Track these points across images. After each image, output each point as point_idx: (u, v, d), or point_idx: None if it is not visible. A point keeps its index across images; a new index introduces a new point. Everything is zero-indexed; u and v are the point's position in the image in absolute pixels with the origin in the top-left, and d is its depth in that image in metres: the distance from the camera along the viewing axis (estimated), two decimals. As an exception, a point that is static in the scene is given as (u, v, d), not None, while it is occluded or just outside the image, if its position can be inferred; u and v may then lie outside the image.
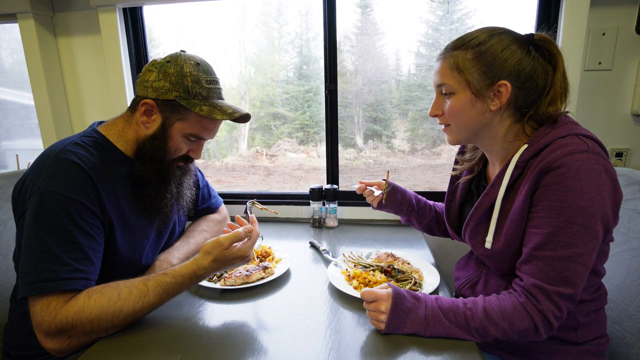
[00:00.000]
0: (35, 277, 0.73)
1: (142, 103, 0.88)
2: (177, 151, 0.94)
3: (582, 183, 0.68)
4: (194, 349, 0.74)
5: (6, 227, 1.15)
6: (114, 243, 0.88)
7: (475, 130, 0.82)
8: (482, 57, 0.76)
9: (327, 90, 1.52)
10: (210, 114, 0.88)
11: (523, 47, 0.76)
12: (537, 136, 0.76)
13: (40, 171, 0.80)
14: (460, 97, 0.79)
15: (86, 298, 0.75)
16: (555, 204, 0.70)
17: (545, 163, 0.71)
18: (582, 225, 0.68)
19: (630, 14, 1.30)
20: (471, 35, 0.79)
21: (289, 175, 2.16)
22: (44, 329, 0.73)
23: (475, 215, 0.86)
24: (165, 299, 0.83)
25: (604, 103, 1.37)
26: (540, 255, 0.72)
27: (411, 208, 1.16)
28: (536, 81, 0.76)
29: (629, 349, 0.92)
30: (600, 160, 0.69)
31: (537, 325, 0.70)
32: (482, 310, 0.73)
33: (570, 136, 0.72)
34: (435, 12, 1.61)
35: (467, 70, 0.77)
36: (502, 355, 0.87)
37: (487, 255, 0.84)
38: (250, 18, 1.78)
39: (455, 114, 0.81)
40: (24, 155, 1.87)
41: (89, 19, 1.58)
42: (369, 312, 0.78)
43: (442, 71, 0.81)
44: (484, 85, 0.77)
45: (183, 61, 0.89)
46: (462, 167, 0.99)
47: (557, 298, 0.70)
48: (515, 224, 0.77)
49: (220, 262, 0.85)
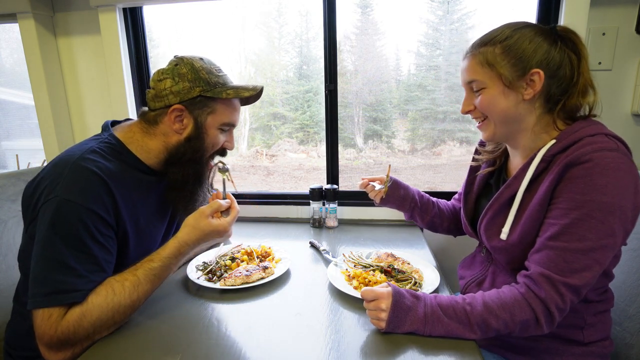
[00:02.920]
0: (50, 288, 0.72)
1: (170, 110, 0.89)
2: (215, 146, 0.96)
3: (607, 179, 0.68)
4: (194, 349, 0.74)
5: (6, 227, 1.15)
6: (126, 251, 0.88)
7: (511, 122, 0.82)
8: (511, 50, 0.77)
9: (327, 90, 1.52)
10: (237, 94, 0.91)
11: (549, 38, 0.77)
12: (567, 132, 0.77)
13: (57, 178, 0.78)
14: (492, 91, 0.80)
15: (84, 303, 0.74)
16: (577, 196, 0.70)
17: (573, 157, 0.71)
18: (599, 220, 0.68)
19: (630, 14, 1.30)
20: (497, 32, 0.80)
21: (289, 175, 2.16)
22: (46, 342, 0.72)
23: (494, 206, 0.86)
24: (158, 284, 0.84)
25: (604, 103, 1.37)
26: (554, 245, 0.72)
27: (414, 204, 1.16)
28: (565, 70, 0.77)
29: (629, 349, 0.92)
30: (627, 161, 0.70)
31: (538, 316, 0.70)
32: (481, 304, 0.73)
33: (600, 135, 0.73)
34: (435, 12, 1.61)
35: (497, 64, 0.78)
36: (507, 354, 0.86)
37: (500, 247, 0.84)
38: (250, 18, 1.78)
39: (488, 106, 0.81)
40: (24, 155, 1.87)
41: (89, 19, 1.58)
42: (369, 311, 0.78)
43: (471, 68, 0.82)
44: (516, 76, 0.77)
45: (190, 59, 0.90)
46: (483, 157, 0.99)
47: (563, 289, 0.70)
48: (533, 215, 0.77)
49: (199, 230, 0.87)
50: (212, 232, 0.88)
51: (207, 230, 0.88)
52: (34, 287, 0.73)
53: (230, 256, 1.11)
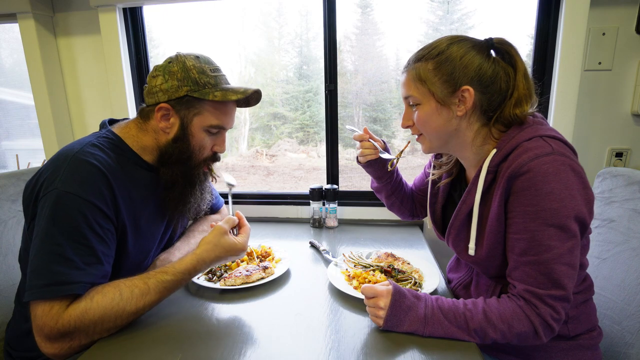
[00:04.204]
0: (48, 279, 0.72)
1: (157, 108, 0.88)
2: (202, 149, 0.93)
3: (551, 185, 0.68)
4: (194, 349, 0.74)
5: (6, 227, 1.15)
6: (125, 247, 0.88)
7: (446, 138, 0.83)
8: (442, 66, 0.77)
9: (327, 90, 1.52)
10: (224, 97, 0.88)
11: (482, 52, 0.77)
12: (504, 140, 0.77)
13: (57, 171, 0.78)
14: (425, 107, 0.81)
15: (88, 300, 0.74)
16: (528, 208, 0.71)
17: (513, 168, 0.72)
18: (557, 226, 0.69)
19: (630, 14, 1.30)
20: (431, 46, 0.80)
21: (289, 175, 2.16)
22: (45, 334, 0.72)
23: (456, 223, 0.87)
24: (166, 296, 0.83)
25: (604, 103, 1.37)
26: (525, 261, 0.72)
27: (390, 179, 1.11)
28: (499, 84, 0.77)
29: (629, 348, 0.92)
30: (566, 160, 0.70)
31: (537, 328, 0.71)
32: (481, 312, 0.73)
33: (535, 139, 0.73)
34: (435, 12, 1.61)
35: (429, 81, 0.78)
36: (499, 355, 0.87)
37: (472, 261, 0.85)
38: (250, 18, 1.78)
39: (423, 123, 0.83)
40: (24, 155, 1.87)
41: (89, 19, 1.58)
42: (368, 308, 0.79)
43: (406, 84, 0.83)
44: (447, 93, 0.78)
45: (184, 58, 0.89)
46: (440, 171, 0.99)
47: (550, 301, 0.70)
48: (494, 229, 0.77)
49: (220, 247, 0.87)
50: (232, 249, 0.88)
51: (228, 247, 0.87)
52: (32, 278, 0.73)
53: (230, 256, 1.11)
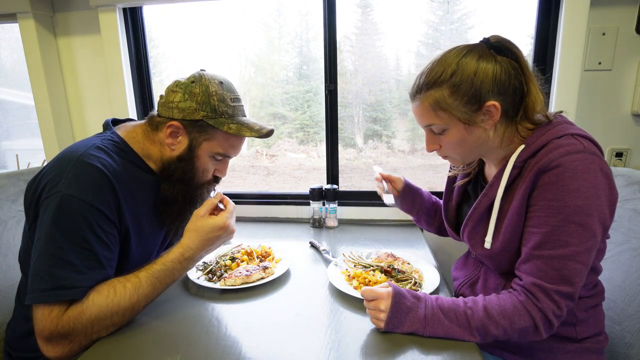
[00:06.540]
0: (50, 283, 0.72)
1: (167, 125, 0.88)
2: (205, 172, 0.94)
3: (578, 182, 0.68)
4: (194, 349, 0.74)
5: (6, 227, 1.15)
6: (128, 250, 0.88)
7: (477, 151, 0.84)
8: (460, 89, 0.75)
9: (327, 90, 1.52)
10: (239, 132, 0.88)
11: (488, 58, 0.76)
12: (534, 137, 0.77)
13: (60, 174, 0.77)
14: (453, 132, 0.80)
15: (85, 300, 0.74)
16: (552, 203, 0.71)
17: (542, 163, 0.71)
18: (579, 224, 0.69)
19: (630, 14, 1.30)
20: (439, 70, 0.77)
21: (289, 175, 2.17)
22: (45, 336, 0.72)
23: (474, 216, 0.86)
24: (159, 288, 0.83)
25: (604, 103, 1.37)
26: (539, 255, 0.72)
27: (422, 210, 1.16)
28: (513, 83, 0.77)
29: (629, 348, 0.92)
30: (596, 160, 0.70)
31: (537, 323, 0.71)
32: (482, 309, 0.73)
33: (567, 136, 0.73)
34: (435, 12, 1.62)
35: (450, 107, 0.77)
36: (503, 354, 0.87)
37: (486, 255, 0.85)
38: (250, 18, 1.78)
39: (454, 147, 0.82)
40: (24, 155, 1.87)
41: (89, 19, 1.58)
42: (368, 310, 0.79)
43: (425, 113, 0.81)
44: (472, 112, 0.77)
45: (208, 81, 0.89)
46: (459, 169, 1.00)
47: (556, 296, 0.70)
48: (513, 223, 0.77)
49: (199, 231, 0.87)
50: (213, 229, 0.87)
51: (207, 228, 0.87)
52: (34, 282, 0.73)
53: (230, 256, 1.11)
